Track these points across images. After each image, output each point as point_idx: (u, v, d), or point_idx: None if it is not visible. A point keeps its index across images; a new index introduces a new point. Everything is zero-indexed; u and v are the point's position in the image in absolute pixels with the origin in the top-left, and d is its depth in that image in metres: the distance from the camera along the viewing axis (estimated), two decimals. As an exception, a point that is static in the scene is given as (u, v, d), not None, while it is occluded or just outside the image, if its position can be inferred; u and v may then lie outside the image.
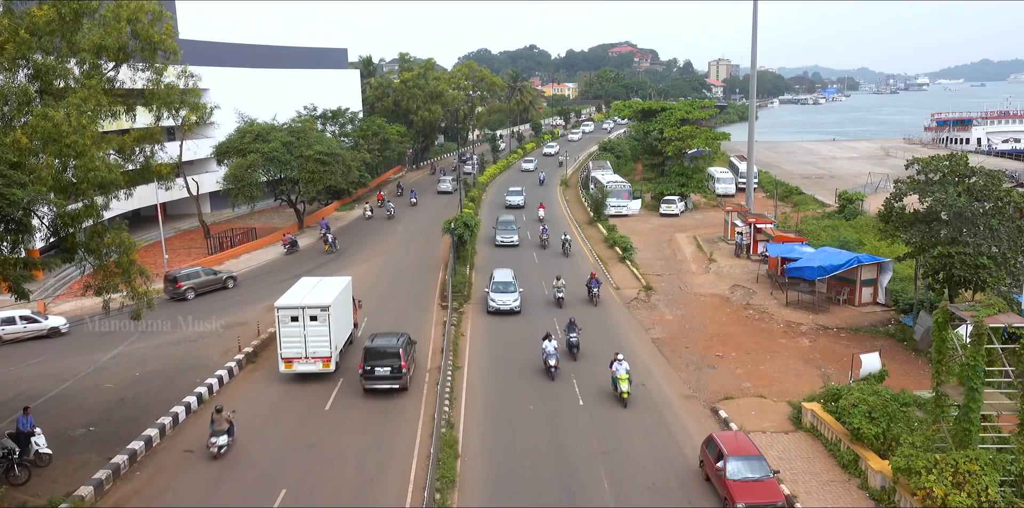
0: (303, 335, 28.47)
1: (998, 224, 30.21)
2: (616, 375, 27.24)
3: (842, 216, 58.92)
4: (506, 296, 37.93)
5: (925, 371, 27.70)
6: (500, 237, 52.78)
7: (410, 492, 21.14)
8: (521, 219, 59.59)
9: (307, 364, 28.80)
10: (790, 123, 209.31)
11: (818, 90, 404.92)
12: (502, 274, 40.11)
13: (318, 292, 30.25)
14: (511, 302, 37.74)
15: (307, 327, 28.43)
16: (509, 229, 53.22)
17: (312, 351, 28.63)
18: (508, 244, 52.45)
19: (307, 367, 28.81)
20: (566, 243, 50.44)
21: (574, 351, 31.56)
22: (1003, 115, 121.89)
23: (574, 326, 32.15)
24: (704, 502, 20.67)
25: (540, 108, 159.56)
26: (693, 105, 74.93)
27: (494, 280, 39.30)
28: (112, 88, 28.85)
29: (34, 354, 32.67)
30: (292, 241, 51.83)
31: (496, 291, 38.25)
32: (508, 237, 52.72)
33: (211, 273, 43.01)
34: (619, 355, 27.64)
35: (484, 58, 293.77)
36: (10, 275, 23.09)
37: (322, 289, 30.76)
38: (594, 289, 39.43)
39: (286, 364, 28.92)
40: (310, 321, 28.46)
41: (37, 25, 24.78)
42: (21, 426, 22.41)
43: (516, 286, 38.83)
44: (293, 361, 28.80)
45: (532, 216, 61.76)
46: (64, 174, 23.73)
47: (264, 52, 73.47)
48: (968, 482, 17.63)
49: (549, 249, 51.36)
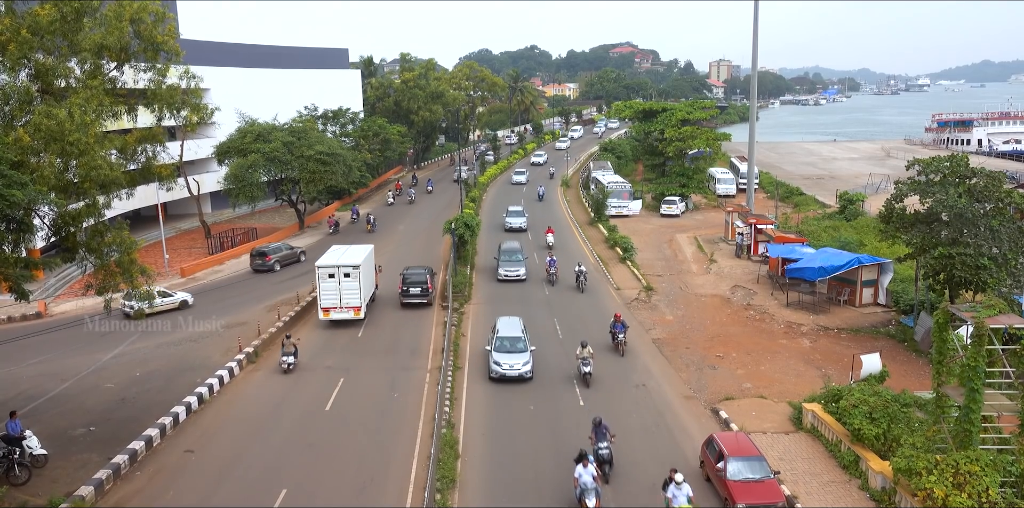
0: (338, 289, 34.95)
1: (999, 225, 30.19)
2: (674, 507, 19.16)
3: (843, 217, 58.89)
4: (514, 358, 29.16)
5: (926, 372, 27.71)
6: (504, 270, 44.12)
7: (410, 492, 21.14)
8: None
9: (341, 312, 35.30)
10: (791, 124, 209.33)
11: (819, 91, 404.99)
12: (508, 325, 31.42)
13: (349, 255, 36.92)
14: (520, 365, 28.87)
15: (341, 282, 34.90)
16: (514, 260, 44.65)
17: (345, 302, 35.18)
18: (513, 279, 43.87)
19: (341, 315, 35.33)
20: (580, 276, 42.02)
21: (605, 468, 21.85)
22: (1004, 116, 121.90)
23: (603, 431, 22.35)
24: (704, 502, 20.64)
25: (541, 108, 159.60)
26: (694, 106, 74.94)
27: (498, 334, 30.58)
28: (114, 88, 28.90)
29: (35, 353, 32.71)
30: (336, 223, 59.89)
31: (501, 349, 29.60)
32: (513, 270, 44.07)
33: (289, 248, 49.54)
34: (676, 474, 19.27)
35: (485, 58, 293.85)
36: (11, 275, 23.09)
37: (352, 253, 37.55)
38: (620, 335, 32.05)
39: (324, 313, 35.35)
40: (343, 278, 34.91)
41: (39, 24, 24.81)
42: (11, 430, 22.27)
43: (526, 342, 30.16)
44: (330, 310, 35.30)
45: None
46: (66, 173, 23.75)
47: (265, 52, 73.56)
48: (969, 483, 17.63)
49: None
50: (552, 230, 53.15)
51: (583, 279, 42.05)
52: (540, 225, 56.90)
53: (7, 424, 22.43)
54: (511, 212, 59.44)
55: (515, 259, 44.62)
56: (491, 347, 30.06)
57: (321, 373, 30.13)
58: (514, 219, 58.18)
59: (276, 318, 36.35)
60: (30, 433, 22.59)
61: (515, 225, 57.55)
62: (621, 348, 32.11)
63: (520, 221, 58.00)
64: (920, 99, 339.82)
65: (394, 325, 36.40)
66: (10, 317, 38.30)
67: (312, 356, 32.14)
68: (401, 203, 70.46)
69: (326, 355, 32.22)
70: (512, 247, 46.36)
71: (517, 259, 44.69)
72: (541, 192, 71.80)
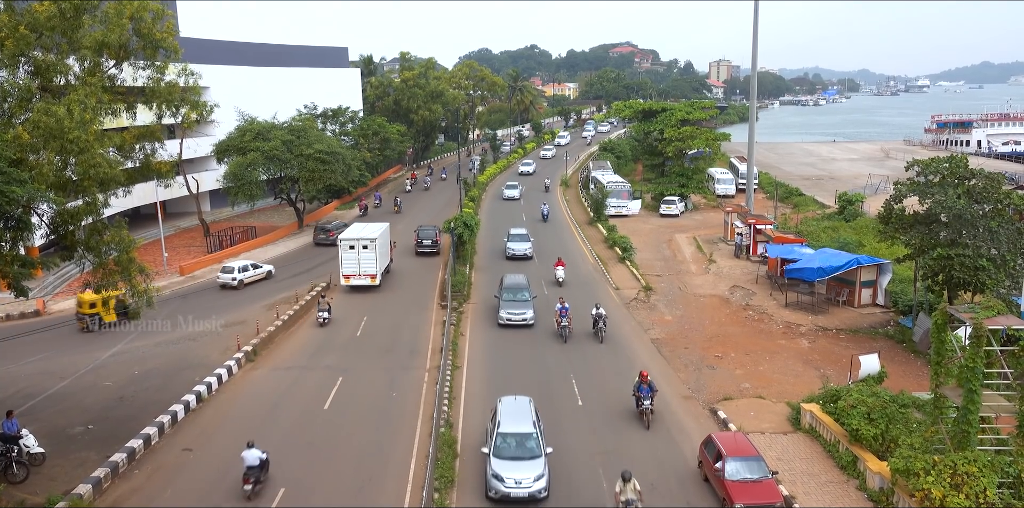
0: (358, 259, 41.00)
1: (997, 226, 30.22)
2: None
3: (842, 217, 58.93)
4: (522, 469, 20.88)
5: (924, 373, 27.71)
6: (507, 313, 35.42)
7: (408, 491, 21.14)
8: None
9: (360, 279, 41.39)
10: (790, 124, 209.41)
11: (818, 91, 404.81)
12: (514, 413, 22.99)
13: (368, 230, 43.01)
14: (532, 480, 20.66)
15: (360, 253, 40.95)
16: (520, 300, 36.10)
17: (363, 270, 41.28)
18: (518, 324, 35.34)
19: (360, 281, 41.43)
20: (599, 321, 33.24)
21: None
22: (1003, 117, 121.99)
23: None
24: (703, 502, 20.67)
25: (541, 108, 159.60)
26: (694, 106, 74.95)
27: (499, 428, 22.16)
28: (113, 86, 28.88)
29: (33, 351, 32.67)
30: (365, 206, 66.08)
31: (504, 454, 21.33)
32: (518, 313, 35.36)
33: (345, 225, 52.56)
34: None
35: (485, 58, 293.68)
36: (9, 272, 23.06)
37: (370, 229, 43.52)
38: (646, 402, 25.19)
39: (345, 279, 41.49)
40: (362, 249, 40.96)
41: (37, 21, 24.78)
42: (7, 429, 22.21)
43: (540, 441, 21.87)
44: (351, 276, 41.37)
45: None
46: (64, 171, 23.72)
47: (265, 50, 73.51)
48: (966, 483, 17.65)
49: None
50: (563, 263, 44.10)
51: (603, 325, 33.16)
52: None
53: (3, 423, 22.37)
54: (513, 236, 50.29)
55: (521, 298, 36.31)
56: (489, 449, 21.54)
57: (320, 372, 30.10)
58: (517, 245, 49.25)
59: (275, 317, 36.33)
60: (26, 432, 22.55)
61: (518, 252, 48.73)
62: (647, 418, 24.93)
63: (524, 247, 49.14)
64: (920, 100, 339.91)
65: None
66: (8, 315, 38.28)
67: (311, 355, 32.14)
68: (417, 190, 77.71)
69: (325, 354, 32.21)
70: (517, 283, 37.89)
71: (523, 298, 36.33)
72: (545, 211, 62.81)
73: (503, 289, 37.44)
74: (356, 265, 40.97)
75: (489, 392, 28.27)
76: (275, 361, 31.45)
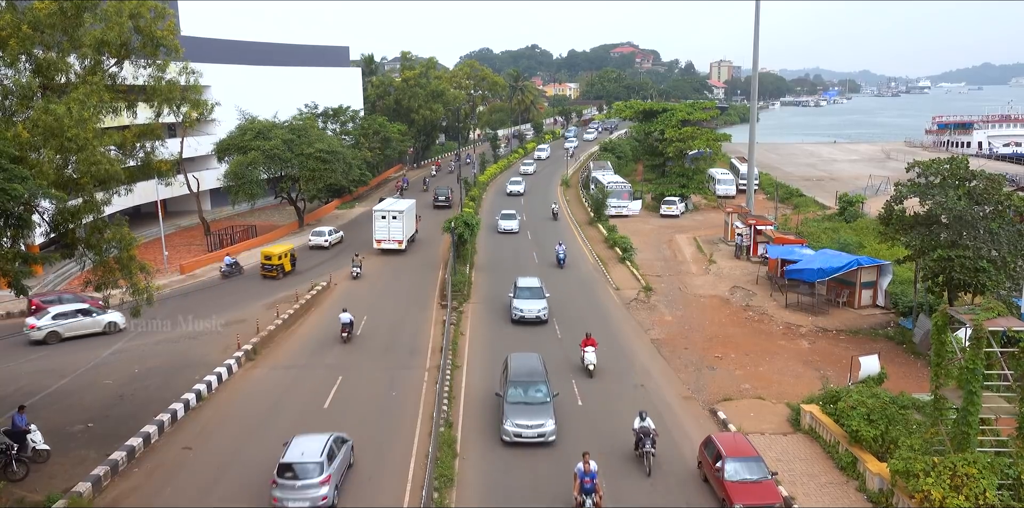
0: (388, 227, 49.69)
1: (998, 228, 30.21)
2: None
3: (842, 218, 58.92)
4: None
5: (924, 374, 27.69)
6: (514, 424, 23.77)
7: (408, 491, 21.13)
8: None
9: (389, 243, 49.82)
10: (791, 125, 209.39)
11: (819, 92, 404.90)
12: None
13: (397, 205, 51.42)
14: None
15: (390, 223, 49.66)
16: (533, 404, 24.38)
17: (392, 236, 49.83)
18: (532, 440, 23.77)
19: (389, 245, 49.80)
20: (645, 442, 22.24)
21: None
22: (1004, 119, 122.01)
23: None
24: (702, 503, 20.67)
25: (541, 108, 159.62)
26: (694, 106, 74.93)
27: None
28: (114, 84, 28.86)
29: (33, 349, 32.67)
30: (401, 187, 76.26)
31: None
32: (531, 426, 23.71)
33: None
34: None
35: (486, 57, 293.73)
36: (10, 270, 23.06)
37: (399, 203, 52.12)
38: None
39: (377, 243, 49.93)
40: (392, 219, 49.67)
41: (39, 19, 24.77)
42: (19, 423, 22.35)
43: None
44: (382, 241, 49.84)
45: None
46: (65, 169, 23.71)
47: (266, 49, 73.51)
48: (966, 485, 17.65)
49: None
50: (594, 342, 29.95)
51: (650, 449, 22.15)
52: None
53: (14, 416, 22.52)
54: (522, 289, 36.57)
55: (535, 398, 24.67)
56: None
57: (320, 371, 30.07)
58: (528, 304, 35.29)
59: (275, 316, 36.34)
60: (35, 427, 22.66)
61: (528, 313, 34.96)
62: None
63: (537, 308, 35.22)
64: (920, 101, 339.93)
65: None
66: (8, 313, 38.26)
67: (312, 354, 32.14)
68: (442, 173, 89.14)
69: (325, 353, 32.22)
70: (529, 368, 26.29)
71: (539, 398, 24.66)
72: (561, 253, 47.21)
73: (509, 379, 25.58)
74: (387, 232, 49.62)
75: (489, 392, 28.27)
76: (275, 360, 31.45)
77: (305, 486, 19.45)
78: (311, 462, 19.80)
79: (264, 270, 44.56)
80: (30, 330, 33.67)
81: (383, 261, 48.43)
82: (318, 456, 20.00)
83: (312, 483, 19.49)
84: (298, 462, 19.82)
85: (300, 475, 19.59)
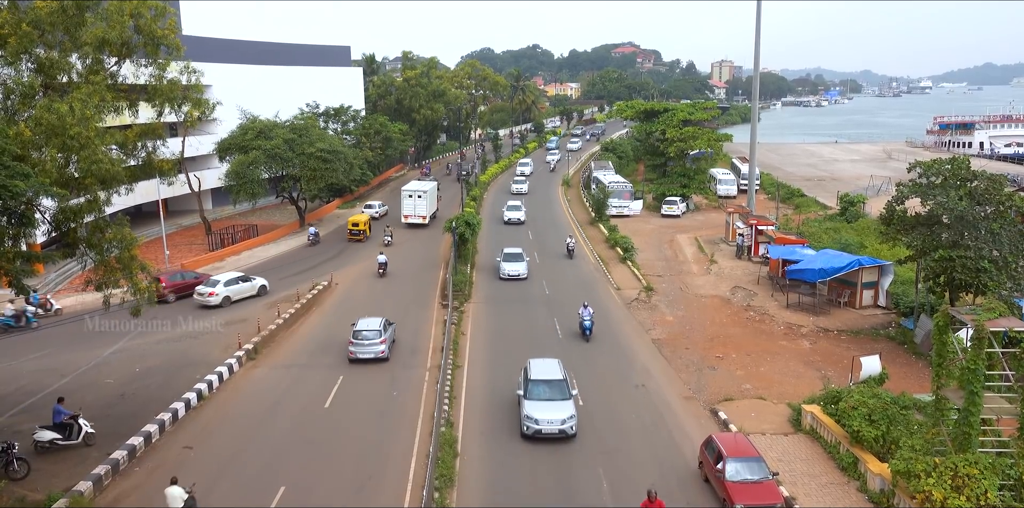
0: (414, 205, 58.46)
1: (999, 228, 30.17)
2: None
3: (843, 218, 58.88)
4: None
5: (925, 374, 27.68)
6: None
7: (408, 491, 21.13)
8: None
9: (414, 219, 58.54)
10: (792, 125, 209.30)
11: (821, 92, 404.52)
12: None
13: (422, 186, 60.37)
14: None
15: (416, 201, 58.46)
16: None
17: (417, 212, 58.69)
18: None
19: (414, 220, 58.50)
20: None
21: None
22: (1006, 119, 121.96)
23: None
24: (703, 503, 20.66)
25: (542, 108, 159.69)
26: (695, 106, 74.92)
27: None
28: (115, 83, 28.86)
29: (34, 348, 32.70)
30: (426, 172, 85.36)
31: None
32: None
33: None
34: None
35: (487, 57, 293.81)
36: (11, 269, 23.08)
37: (423, 184, 61.09)
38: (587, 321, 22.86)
39: (405, 218, 58.69)
40: (417, 198, 58.43)
41: (40, 18, 24.77)
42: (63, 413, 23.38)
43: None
44: (409, 216, 58.58)
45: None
46: (67, 168, 23.73)
47: (267, 49, 73.50)
48: (967, 485, 17.64)
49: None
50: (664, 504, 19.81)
51: None
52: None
53: (55, 408, 23.45)
54: (537, 376, 25.72)
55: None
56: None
57: (321, 371, 30.07)
58: (549, 414, 24.02)
59: (276, 315, 36.35)
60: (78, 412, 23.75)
61: (548, 426, 23.87)
62: None
63: (563, 417, 24.03)
64: (922, 101, 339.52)
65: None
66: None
67: (312, 353, 32.15)
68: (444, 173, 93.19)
69: (326, 352, 32.21)
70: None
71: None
72: (587, 319, 33.72)
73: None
74: (413, 208, 58.30)
75: (490, 391, 28.29)
76: (276, 359, 31.45)
77: (371, 344, 30.24)
78: (373, 329, 30.66)
79: (351, 235, 54.83)
80: (209, 297, 37.99)
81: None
82: (377, 326, 30.82)
83: (375, 342, 30.34)
84: (366, 329, 30.62)
85: (367, 338, 30.39)
